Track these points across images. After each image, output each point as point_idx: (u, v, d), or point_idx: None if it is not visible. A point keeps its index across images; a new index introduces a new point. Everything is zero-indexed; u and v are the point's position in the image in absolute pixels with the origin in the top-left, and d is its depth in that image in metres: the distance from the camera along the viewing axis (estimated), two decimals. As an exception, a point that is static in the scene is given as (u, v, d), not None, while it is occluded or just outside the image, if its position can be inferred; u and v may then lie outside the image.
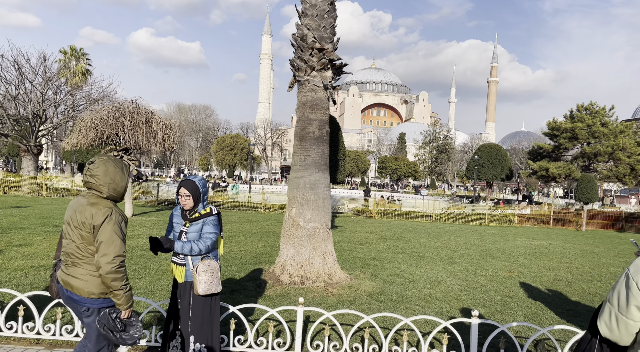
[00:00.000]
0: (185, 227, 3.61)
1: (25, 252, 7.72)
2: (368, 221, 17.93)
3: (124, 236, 2.72)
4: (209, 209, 3.64)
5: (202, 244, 3.50)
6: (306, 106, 6.97)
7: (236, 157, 71.89)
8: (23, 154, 19.83)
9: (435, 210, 20.86)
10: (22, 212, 13.69)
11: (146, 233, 10.86)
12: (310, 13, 6.84)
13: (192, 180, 3.62)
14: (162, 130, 13.52)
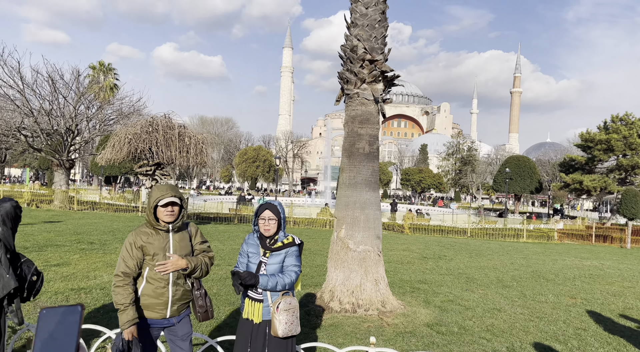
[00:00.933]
0: (264, 257, 3.22)
1: (63, 273, 7.50)
2: (401, 236, 17.31)
3: (130, 256, 2.88)
4: (291, 238, 3.24)
5: (287, 279, 3.10)
6: (355, 121, 6.58)
7: (258, 169, 72.11)
8: (55, 168, 20.06)
9: (469, 225, 20.07)
10: (55, 227, 13.66)
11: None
12: (360, 23, 6.49)
13: (274, 204, 3.24)
14: (195, 145, 13.37)
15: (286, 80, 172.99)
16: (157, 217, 2.95)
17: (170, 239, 2.96)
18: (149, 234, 2.94)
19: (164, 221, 2.93)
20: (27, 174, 45.55)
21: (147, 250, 2.90)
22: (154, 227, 2.95)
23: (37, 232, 12.14)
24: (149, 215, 2.95)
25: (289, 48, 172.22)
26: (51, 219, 15.83)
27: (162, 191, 2.94)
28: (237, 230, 15.91)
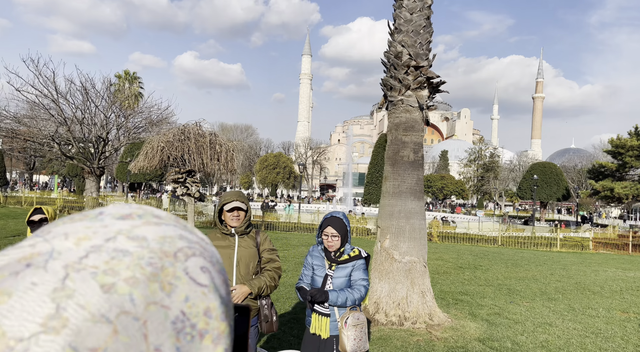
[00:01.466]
0: (330, 270, 3.15)
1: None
2: (431, 245, 16.97)
3: None
4: (357, 251, 3.17)
5: (357, 294, 3.04)
6: (399, 128, 6.45)
7: (279, 175, 72.42)
8: (86, 175, 20.47)
9: (500, 233, 19.58)
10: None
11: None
12: (405, 29, 6.38)
13: (338, 217, 3.18)
14: (226, 152, 13.42)
15: (305, 87, 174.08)
16: (224, 221, 3.06)
17: (235, 242, 3.03)
18: (217, 237, 3.04)
19: (230, 225, 3.02)
20: (56, 181, 46.75)
21: None
22: (220, 230, 3.05)
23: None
24: (215, 219, 3.10)
25: (308, 55, 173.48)
26: (84, 226, 16.11)
27: (229, 196, 3.07)
28: (291, 237, 15.87)
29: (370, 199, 17.21)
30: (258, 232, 3.19)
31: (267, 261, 3.13)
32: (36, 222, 3.40)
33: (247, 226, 3.12)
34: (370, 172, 17.36)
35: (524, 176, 48.25)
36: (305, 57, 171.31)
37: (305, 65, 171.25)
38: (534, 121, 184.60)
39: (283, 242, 14.48)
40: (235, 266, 3.03)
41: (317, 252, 3.27)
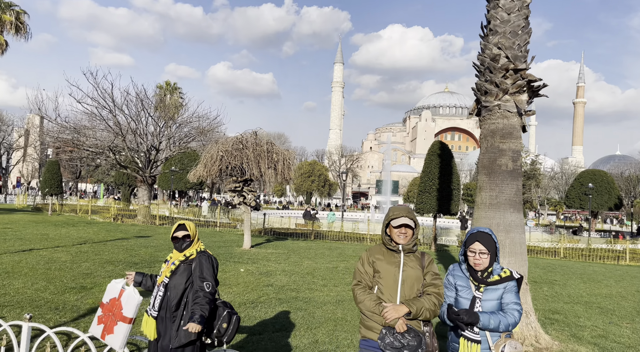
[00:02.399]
0: (478, 292, 2.85)
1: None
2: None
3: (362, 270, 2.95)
4: (509, 271, 2.87)
5: (510, 318, 2.75)
6: (496, 135, 6.06)
7: (313, 183, 72.47)
8: (139, 184, 20.99)
9: (559, 244, 18.54)
10: (149, 242, 14.07)
11: (278, 269, 10.40)
12: (501, 30, 6.02)
13: (486, 232, 2.90)
14: (282, 161, 13.34)
15: (337, 95, 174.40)
16: (390, 236, 2.91)
17: (401, 260, 2.86)
18: (382, 252, 2.92)
19: (396, 241, 2.87)
20: (102, 189, 48.41)
21: (377, 266, 2.86)
22: (386, 246, 2.91)
23: (137, 247, 12.51)
24: (382, 233, 2.95)
25: (339, 63, 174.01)
26: (140, 234, 16.40)
27: (397, 212, 2.90)
28: (320, 247, 15.66)
29: (424, 209, 16.67)
30: (423, 254, 3.00)
31: (429, 285, 2.88)
32: (179, 239, 3.28)
33: (413, 244, 2.91)
34: (423, 181, 16.84)
35: (572, 184, 46.08)
36: (337, 65, 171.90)
37: (337, 73, 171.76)
38: (575, 127, 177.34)
39: (338, 253, 14.20)
40: (401, 285, 2.82)
41: (459, 272, 3.00)
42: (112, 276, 8.49)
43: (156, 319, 3.26)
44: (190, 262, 3.29)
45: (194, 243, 3.37)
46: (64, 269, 8.93)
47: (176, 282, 3.23)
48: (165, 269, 3.35)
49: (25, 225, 17.26)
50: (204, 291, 3.14)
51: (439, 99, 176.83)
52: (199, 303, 3.10)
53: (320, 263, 11.68)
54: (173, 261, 3.34)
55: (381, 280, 2.85)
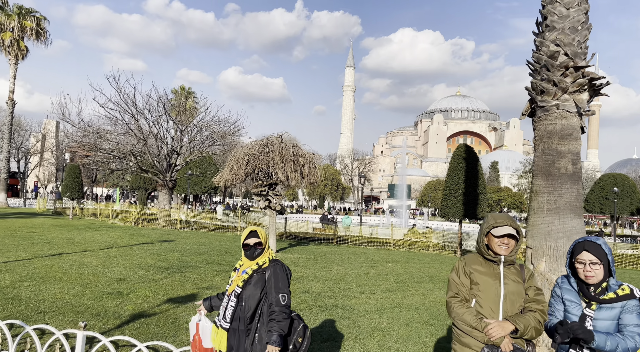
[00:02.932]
0: (589, 310, 2.57)
1: (221, 298, 7.31)
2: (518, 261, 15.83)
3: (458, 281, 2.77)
4: (628, 289, 2.54)
5: (630, 342, 2.41)
6: (554, 136, 5.78)
7: (327, 187, 72.28)
8: (159, 188, 20.98)
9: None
10: (174, 246, 13.97)
11: (309, 275, 10.18)
12: (559, 26, 5.76)
13: (596, 242, 2.60)
14: (309, 164, 13.15)
15: (348, 99, 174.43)
16: (489, 246, 2.69)
17: (501, 272, 2.65)
18: (480, 262, 2.72)
19: (497, 251, 2.64)
20: (117, 193, 48.81)
21: (475, 278, 2.65)
22: (483, 255, 2.71)
23: (163, 252, 12.40)
24: (479, 242, 2.73)
25: (351, 67, 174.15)
26: (163, 238, 16.32)
27: (500, 220, 2.66)
28: (344, 252, 15.41)
29: (450, 213, 16.34)
30: (522, 266, 2.77)
31: (532, 301, 2.64)
32: (251, 246, 3.09)
33: (514, 254, 2.70)
34: (448, 185, 16.51)
35: (592, 188, 45.19)
36: (349, 70, 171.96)
37: (349, 77, 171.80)
38: (590, 130, 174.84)
39: (365, 258, 13.94)
40: (502, 299, 2.58)
41: (568, 285, 2.69)
42: (145, 281, 8.36)
43: (227, 331, 3.06)
44: (264, 271, 3.09)
45: (265, 251, 3.18)
46: (96, 273, 8.83)
47: (250, 292, 3.04)
48: (236, 278, 3.16)
49: (49, 229, 17.31)
50: (280, 305, 2.94)
51: (450, 102, 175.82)
52: (277, 320, 2.90)
53: (349, 269, 11.43)
54: (245, 269, 3.15)
55: (480, 293, 2.63)
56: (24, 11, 32.94)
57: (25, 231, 16.20)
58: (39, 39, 33.37)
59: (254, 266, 3.10)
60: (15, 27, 32.07)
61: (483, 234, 2.71)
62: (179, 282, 8.48)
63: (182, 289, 7.88)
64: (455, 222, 48.40)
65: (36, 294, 6.99)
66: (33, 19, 32.91)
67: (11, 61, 32.55)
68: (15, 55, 32.55)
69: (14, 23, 32.09)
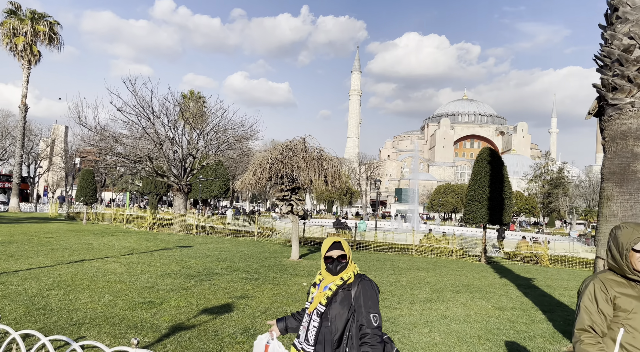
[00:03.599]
0: None
1: (258, 307, 6.92)
2: (546, 270, 15.33)
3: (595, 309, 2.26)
4: None
5: None
6: (629, 137, 5.36)
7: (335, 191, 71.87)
8: (175, 193, 20.66)
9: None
10: (195, 252, 13.61)
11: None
12: (633, 18, 5.36)
13: None
14: (332, 168, 12.77)
15: (354, 103, 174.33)
16: (629, 263, 2.26)
17: None
18: (624, 284, 2.27)
19: (638, 268, 2.22)
20: (127, 197, 48.70)
21: (622, 303, 2.19)
22: (625, 275, 2.27)
23: (185, 258, 12.05)
24: (619, 259, 2.29)
25: (357, 72, 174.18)
26: (181, 244, 15.98)
27: None
28: (367, 258, 14.98)
29: (474, 219, 15.88)
30: None
31: None
32: (334, 259, 2.70)
33: None
34: (472, 189, 16.05)
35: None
36: (355, 74, 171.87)
37: (355, 81, 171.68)
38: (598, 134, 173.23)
39: (391, 265, 13.50)
40: None
41: None
42: (174, 290, 7.99)
43: None
44: (349, 287, 2.70)
45: (349, 264, 2.78)
46: (123, 281, 8.47)
47: (337, 312, 2.65)
48: (318, 295, 2.77)
49: (65, 234, 17.03)
50: (372, 327, 2.55)
51: (457, 106, 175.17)
52: (370, 344, 2.50)
53: (379, 277, 11.00)
54: (327, 285, 2.76)
55: (631, 321, 2.19)
56: (37, 16, 32.96)
57: (42, 236, 15.93)
58: (51, 43, 33.35)
59: (338, 282, 2.71)
60: (28, 32, 32.06)
61: (624, 249, 2.27)
62: (210, 290, 8.10)
63: (214, 299, 7.50)
64: (475, 227, 47.54)
65: (66, 304, 6.65)
66: (46, 23, 32.90)
67: (24, 66, 32.52)
68: (28, 60, 32.53)
69: (27, 28, 32.09)
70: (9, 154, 61.54)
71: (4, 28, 31.80)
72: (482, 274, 12.58)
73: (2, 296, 6.91)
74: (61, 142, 70.46)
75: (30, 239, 14.79)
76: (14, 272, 8.86)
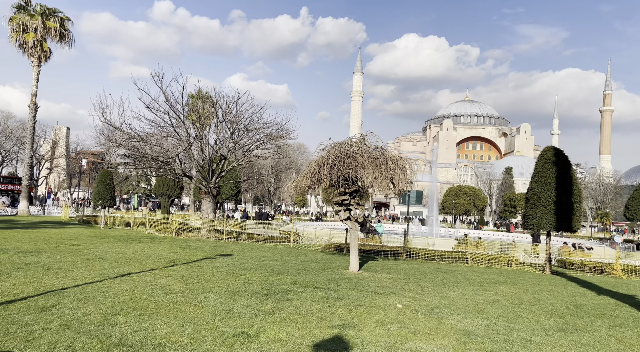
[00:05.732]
0: None
1: (378, 343, 5.66)
2: (631, 283, 14.10)
3: None
4: None
5: None
6: None
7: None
8: (203, 195, 19.39)
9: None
10: (241, 262, 12.33)
11: (439, 305, 8.51)
12: None
13: None
14: (402, 169, 11.51)
15: (356, 104, 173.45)
16: None
17: None
18: None
19: None
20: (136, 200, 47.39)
21: None
22: None
23: (238, 270, 10.77)
24: None
25: (359, 73, 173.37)
26: (218, 251, 14.70)
27: None
28: (428, 269, 13.70)
29: (539, 224, 14.65)
30: None
31: None
32: None
33: None
34: (536, 192, 14.85)
35: (632, 194, 43.33)
36: (357, 75, 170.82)
37: (357, 82, 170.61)
38: (603, 136, 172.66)
39: (462, 278, 12.24)
40: None
41: None
42: (257, 315, 6.73)
43: None
44: None
45: None
46: (191, 302, 7.20)
47: None
48: None
49: (90, 241, 15.73)
50: None
51: (459, 107, 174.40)
52: None
53: (467, 294, 9.71)
54: None
55: None
56: (47, 11, 31.66)
57: (67, 243, 14.64)
58: (62, 40, 32.07)
59: None
60: (38, 28, 30.78)
61: None
62: (299, 315, 6.83)
63: (315, 328, 6.21)
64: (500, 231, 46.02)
65: (145, 336, 5.38)
66: (57, 19, 31.61)
67: (34, 63, 31.21)
68: (39, 57, 31.23)
69: (38, 23, 30.81)
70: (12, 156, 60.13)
71: (13, 24, 30.51)
72: (570, 289, 11.33)
73: (64, 325, 5.64)
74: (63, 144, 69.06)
75: (57, 246, 13.50)
76: (61, 290, 7.59)
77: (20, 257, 10.94)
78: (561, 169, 14.38)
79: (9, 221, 23.61)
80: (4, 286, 7.67)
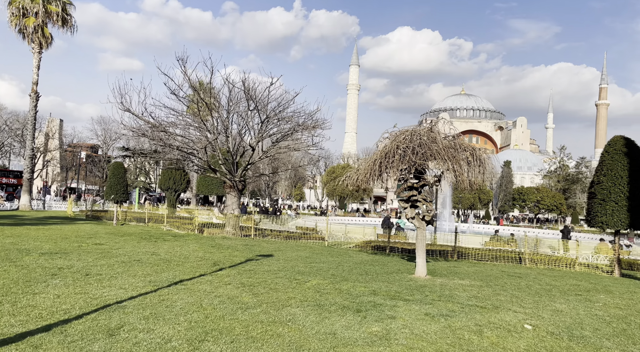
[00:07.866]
0: None
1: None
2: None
3: None
4: None
5: None
6: None
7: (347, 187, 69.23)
8: (228, 190, 17.95)
9: None
10: (290, 265, 10.97)
11: (571, 323, 7.23)
12: None
13: None
14: (480, 161, 10.20)
15: (352, 97, 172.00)
16: None
17: None
18: None
19: None
20: (137, 193, 45.73)
21: None
22: None
23: (295, 275, 9.40)
24: None
25: (355, 66, 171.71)
26: (255, 251, 13.32)
27: None
28: (495, 273, 12.50)
29: (610, 222, 13.46)
30: None
31: None
32: None
33: None
34: (604, 186, 13.64)
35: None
36: (353, 68, 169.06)
37: (353, 75, 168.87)
38: (598, 129, 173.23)
39: (545, 283, 11.00)
40: None
41: None
42: (374, 341, 5.40)
43: None
44: None
45: None
46: (282, 323, 5.84)
47: None
48: None
49: (112, 239, 14.25)
50: None
51: (455, 101, 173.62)
52: None
53: (580, 308, 8.46)
54: None
55: None
56: (48, -7, 29.71)
57: (89, 242, 13.16)
58: (64, 25, 30.18)
59: None
60: (39, 12, 28.86)
61: None
62: (423, 341, 5.51)
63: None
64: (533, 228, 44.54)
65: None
66: (59, 3, 29.69)
67: (35, 50, 29.31)
68: (40, 43, 29.33)
69: (39, 7, 28.88)
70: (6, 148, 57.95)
71: (12, 7, 28.55)
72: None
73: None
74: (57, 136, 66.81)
75: (80, 246, 12.03)
76: (117, 303, 6.20)
77: (48, 259, 9.49)
78: (634, 162, 13.17)
79: (14, 217, 21.97)
80: (47, 299, 6.25)
